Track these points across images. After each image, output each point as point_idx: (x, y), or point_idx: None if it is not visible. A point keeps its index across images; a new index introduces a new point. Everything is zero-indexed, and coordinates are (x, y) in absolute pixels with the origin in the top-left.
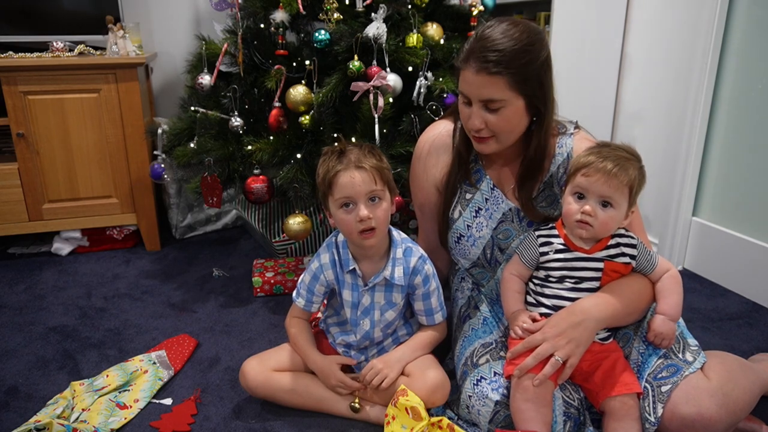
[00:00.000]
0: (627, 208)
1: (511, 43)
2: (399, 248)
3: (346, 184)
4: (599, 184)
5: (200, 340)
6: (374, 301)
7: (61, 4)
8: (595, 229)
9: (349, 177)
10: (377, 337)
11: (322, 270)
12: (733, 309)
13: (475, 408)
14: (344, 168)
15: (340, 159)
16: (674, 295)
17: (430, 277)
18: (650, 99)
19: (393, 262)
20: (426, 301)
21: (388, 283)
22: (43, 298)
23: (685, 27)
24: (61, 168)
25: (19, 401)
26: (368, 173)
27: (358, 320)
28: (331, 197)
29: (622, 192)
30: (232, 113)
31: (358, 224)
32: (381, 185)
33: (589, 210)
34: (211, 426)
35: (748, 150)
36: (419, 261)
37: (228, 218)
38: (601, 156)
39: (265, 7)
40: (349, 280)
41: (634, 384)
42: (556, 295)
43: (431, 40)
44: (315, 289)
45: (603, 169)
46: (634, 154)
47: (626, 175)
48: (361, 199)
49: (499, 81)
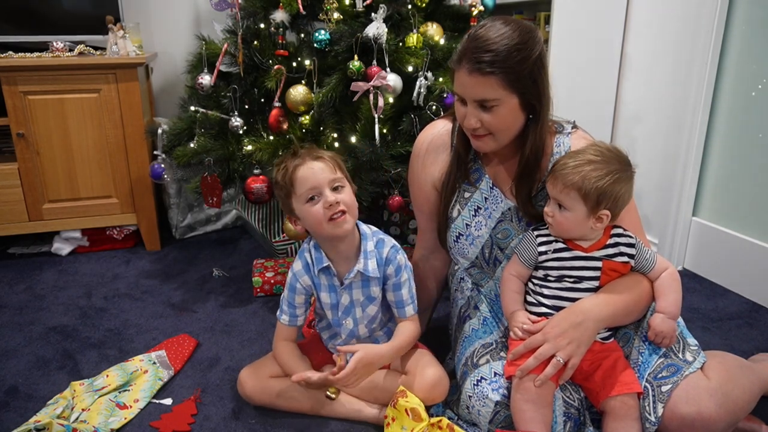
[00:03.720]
0: (587, 211)
1: (504, 43)
2: (370, 241)
3: (307, 176)
4: (550, 186)
5: (200, 340)
6: (353, 298)
7: (61, 4)
8: (555, 229)
9: (308, 168)
10: (363, 334)
11: (296, 278)
12: (733, 309)
13: (475, 408)
14: (302, 162)
15: (294, 157)
16: (673, 293)
17: (402, 268)
18: (650, 99)
19: (365, 254)
20: (397, 292)
21: (364, 277)
22: (43, 298)
23: (685, 27)
24: (61, 168)
25: (19, 401)
26: (326, 162)
27: (340, 320)
28: (294, 196)
29: (568, 194)
30: (232, 113)
31: (326, 211)
32: (341, 174)
33: (547, 211)
34: (211, 426)
35: (748, 150)
36: (391, 251)
37: (228, 218)
38: (568, 157)
39: (265, 7)
40: (324, 282)
41: (634, 384)
42: (555, 294)
43: (431, 40)
44: (295, 301)
45: (555, 170)
46: (616, 157)
47: (574, 176)
48: (326, 187)
49: (492, 80)
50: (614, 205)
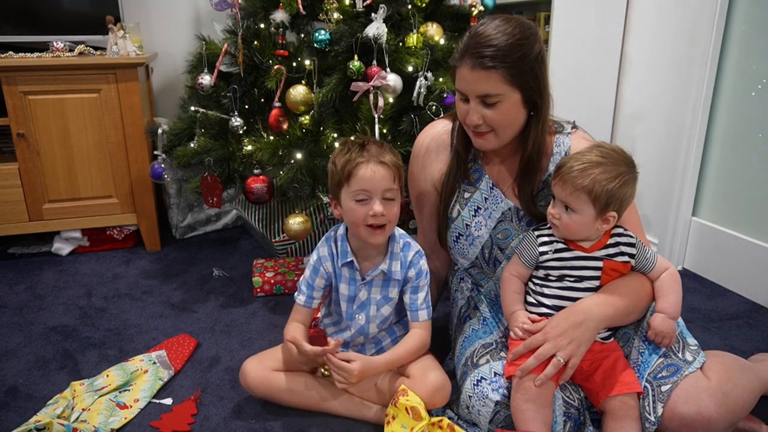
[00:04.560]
0: (595, 213)
1: (505, 38)
2: (397, 243)
3: (366, 177)
4: (557, 189)
5: (200, 340)
6: (371, 295)
7: (61, 4)
8: (560, 231)
9: (370, 170)
10: (372, 333)
11: (321, 262)
12: (733, 309)
13: (475, 408)
14: (365, 161)
15: (361, 152)
16: (673, 293)
17: (423, 273)
18: (650, 99)
19: (391, 256)
20: (413, 295)
21: (386, 277)
22: (43, 298)
23: (685, 27)
24: (61, 168)
25: (19, 401)
26: (389, 170)
27: (353, 314)
28: (346, 187)
29: (578, 197)
30: (232, 113)
31: (369, 217)
32: (397, 185)
33: (553, 213)
34: (211, 426)
35: (748, 150)
36: (416, 255)
37: (228, 218)
38: (574, 158)
39: (265, 7)
40: (346, 274)
41: (634, 384)
42: (556, 294)
43: (431, 40)
44: (315, 282)
45: (564, 172)
46: (623, 158)
47: (583, 179)
48: (378, 195)
49: (494, 75)
50: (621, 206)
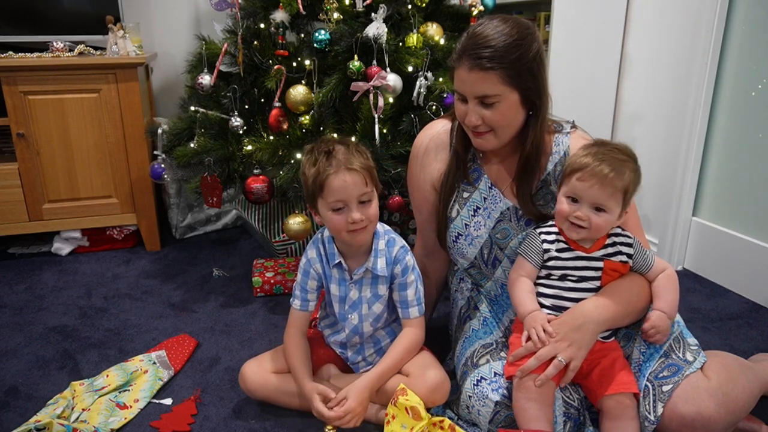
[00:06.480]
0: (621, 211)
1: (503, 39)
2: (381, 240)
3: (338, 188)
4: (594, 191)
5: (200, 340)
6: (361, 294)
7: (61, 4)
8: (589, 232)
9: (341, 180)
10: (367, 332)
11: (310, 264)
12: (733, 309)
13: (475, 408)
14: (335, 171)
15: (329, 161)
16: (671, 293)
17: (410, 268)
18: (650, 99)
19: (375, 253)
20: (402, 293)
21: (373, 275)
22: (43, 298)
23: (685, 27)
24: (61, 168)
25: (19, 401)
26: (359, 174)
27: (346, 314)
28: (321, 199)
29: (616, 198)
30: (232, 113)
31: (349, 225)
32: (371, 186)
33: (581, 215)
34: (211, 426)
35: (748, 150)
36: (401, 251)
37: (228, 218)
38: (597, 159)
39: (265, 7)
40: (336, 275)
41: (630, 383)
42: (557, 294)
43: (431, 40)
44: (308, 285)
45: (598, 174)
46: (630, 154)
47: (621, 180)
48: (353, 202)
49: (492, 76)
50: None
